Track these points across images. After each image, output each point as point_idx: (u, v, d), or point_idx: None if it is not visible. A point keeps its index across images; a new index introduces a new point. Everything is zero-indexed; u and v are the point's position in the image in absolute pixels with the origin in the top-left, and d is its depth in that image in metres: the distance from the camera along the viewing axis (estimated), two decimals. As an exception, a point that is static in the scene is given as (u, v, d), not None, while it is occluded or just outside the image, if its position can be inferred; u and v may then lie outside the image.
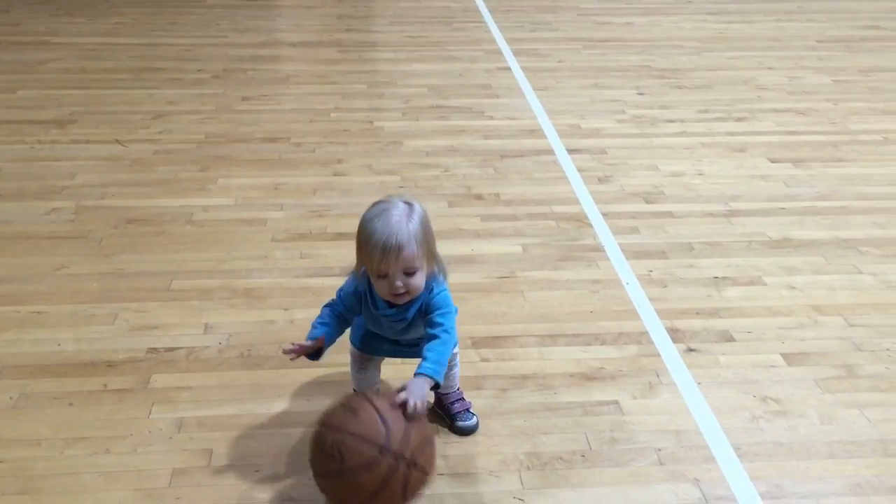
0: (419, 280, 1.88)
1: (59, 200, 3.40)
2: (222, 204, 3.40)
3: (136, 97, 4.61)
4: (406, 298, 1.91)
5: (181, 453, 2.09)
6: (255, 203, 3.42)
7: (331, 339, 1.99)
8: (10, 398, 2.26)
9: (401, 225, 1.83)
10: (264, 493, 1.97)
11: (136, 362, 2.42)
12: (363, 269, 1.91)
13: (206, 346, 2.50)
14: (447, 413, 2.20)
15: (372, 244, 1.83)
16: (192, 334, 2.56)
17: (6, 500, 1.93)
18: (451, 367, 2.15)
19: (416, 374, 1.84)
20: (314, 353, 1.97)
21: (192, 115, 4.36)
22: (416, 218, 1.86)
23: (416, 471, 1.72)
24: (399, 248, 1.81)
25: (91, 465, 2.04)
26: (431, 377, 1.83)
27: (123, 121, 4.26)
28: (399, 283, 1.85)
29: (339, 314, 2.01)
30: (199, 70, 5.12)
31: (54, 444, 2.10)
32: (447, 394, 2.20)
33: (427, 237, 1.88)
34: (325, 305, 2.02)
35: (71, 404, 2.25)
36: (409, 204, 1.89)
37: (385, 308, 1.96)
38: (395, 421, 1.72)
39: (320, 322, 1.99)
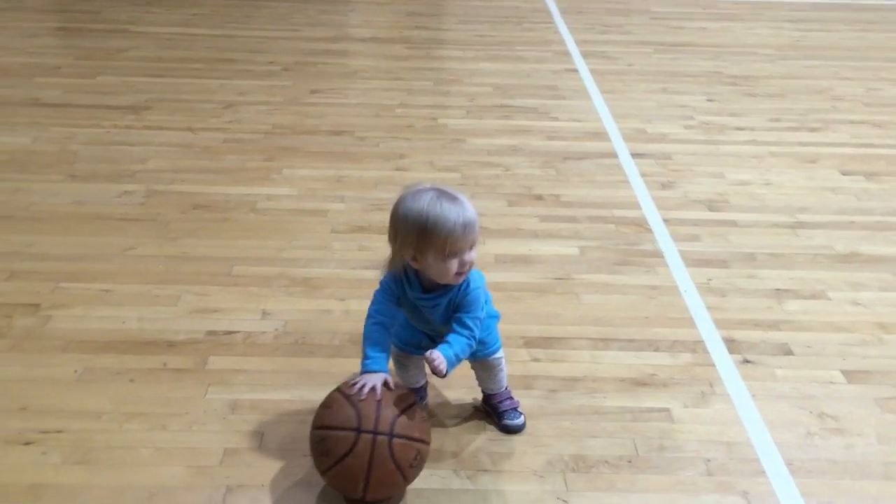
0: (475, 254, 1.91)
1: (130, 184, 3.51)
2: (285, 194, 3.47)
3: (209, 87, 4.73)
4: (464, 277, 1.91)
5: (234, 434, 2.14)
6: (318, 194, 3.48)
7: (387, 355, 1.98)
8: (75, 371, 2.35)
9: (461, 201, 1.86)
10: (311, 477, 2.00)
11: (196, 343, 2.49)
12: (404, 258, 1.91)
13: (263, 332, 2.55)
14: (495, 411, 2.20)
15: (451, 224, 1.82)
16: (249, 319, 2.61)
17: (66, 468, 2.01)
18: (497, 371, 2.15)
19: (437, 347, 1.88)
20: None
21: (261, 106, 4.45)
22: (461, 195, 1.89)
23: (399, 439, 1.84)
24: (474, 223, 1.86)
25: (147, 440, 2.10)
26: (446, 360, 1.86)
27: (196, 109, 4.38)
28: (468, 258, 1.87)
29: (383, 324, 1.97)
30: (270, 62, 5.23)
31: (114, 417, 2.18)
32: (495, 393, 2.20)
33: None
34: (367, 325, 1.97)
35: (132, 381, 2.32)
36: (444, 188, 1.90)
37: (419, 291, 1.95)
38: (366, 403, 1.85)
39: (373, 354, 1.93)
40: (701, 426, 2.23)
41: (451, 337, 1.91)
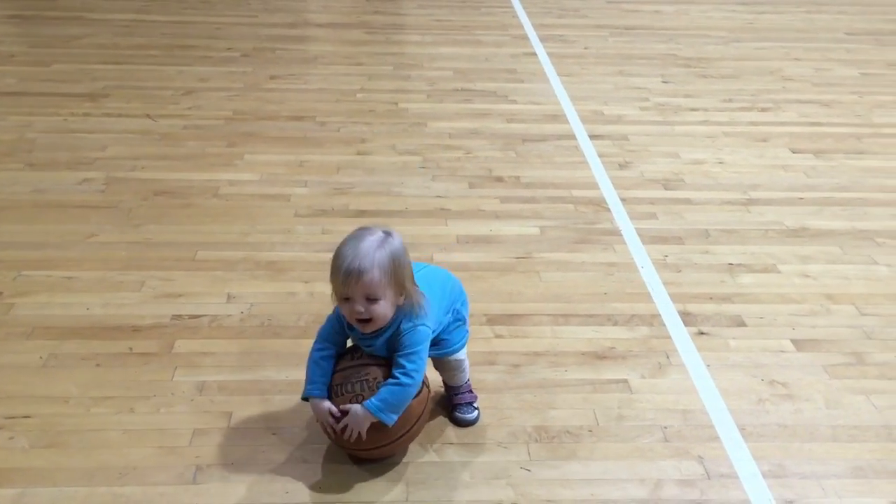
0: (383, 309, 1.87)
1: (90, 171, 3.49)
2: (248, 179, 3.48)
3: (168, 73, 4.70)
4: (371, 327, 1.90)
5: (202, 415, 2.17)
6: (280, 179, 3.49)
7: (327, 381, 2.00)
8: (41, 357, 2.35)
9: (368, 251, 1.84)
10: (280, 455, 2.04)
11: (161, 328, 2.50)
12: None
13: (229, 315, 2.58)
14: (450, 402, 2.20)
15: (336, 266, 1.85)
16: (215, 303, 2.64)
17: (35, 452, 2.02)
18: (457, 371, 2.15)
19: (363, 404, 1.90)
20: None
21: (220, 93, 4.44)
22: (387, 248, 1.86)
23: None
24: (360, 273, 1.82)
25: (116, 423, 2.13)
26: (373, 414, 1.89)
27: (154, 96, 4.35)
28: (360, 308, 1.85)
29: (324, 354, 2.00)
30: (228, 48, 5.20)
31: (81, 402, 2.19)
32: (453, 386, 2.19)
33: (396, 268, 1.86)
34: (311, 354, 2.01)
35: (98, 365, 2.33)
36: (388, 233, 1.89)
37: (357, 331, 1.95)
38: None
39: (316, 380, 1.97)
40: (658, 395, 2.31)
41: (383, 385, 1.91)
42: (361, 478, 1.99)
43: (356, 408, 1.90)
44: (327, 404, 1.94)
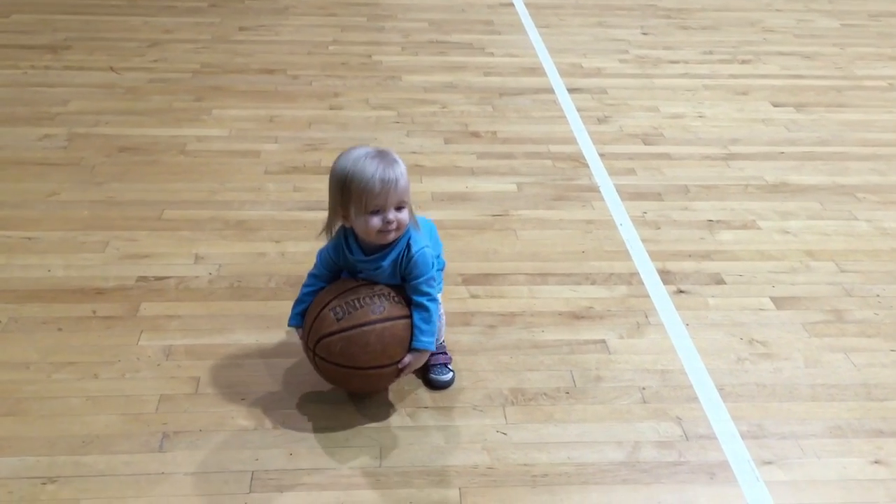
0: (406, 215, 1.91)
1: (51, 127, 3.37)
2: (216, 135, 3.37)
3: (132, 24, 4.54)
4: (394, 236, 1.92)
5: (169, 380, 2.10)
6: (249, 135, 3.39)
7: None
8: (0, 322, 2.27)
9: (385, 159, 1.87)
10: (249, 421, 1.99)
11: (126, 290, 2.42)
12: (338, 223, 1.94)
13: (196, 276, 2.50)
14: (423, 364, 2.13)
15: (365, 180, 1.84)
16: (182, 264, 2.55)
17: (-6, 421, 1.95)
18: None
19: (412, 348, 1.94)
20: None
21: (187, 45, 4.29)
22: (394, 155, 1.90)
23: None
24: (396, 179, 1.85)
25: (78, 390, 2.05)
26: (427, 349, 1.96)
27: (118, 48, 4.20)
28: (392, 217, 1.87)
29: (323, 281, 2.03)
30: (196, -2, 5.03)
31: (42, 367, 2.12)
32: None
33: (406, 174, 1.91)
34: (303, 288, 2.04)
35: (60, 329, 2.25)
36: (382, 149, 1.92)
37: (359, 253, 1.97)
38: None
39: (302, 309, 2.02)
40: (636, 356, 2.27)
41: (414, 318, 1.94)
42: (333, 443, 1.94)
43: (410, 357, 1.94)
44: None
